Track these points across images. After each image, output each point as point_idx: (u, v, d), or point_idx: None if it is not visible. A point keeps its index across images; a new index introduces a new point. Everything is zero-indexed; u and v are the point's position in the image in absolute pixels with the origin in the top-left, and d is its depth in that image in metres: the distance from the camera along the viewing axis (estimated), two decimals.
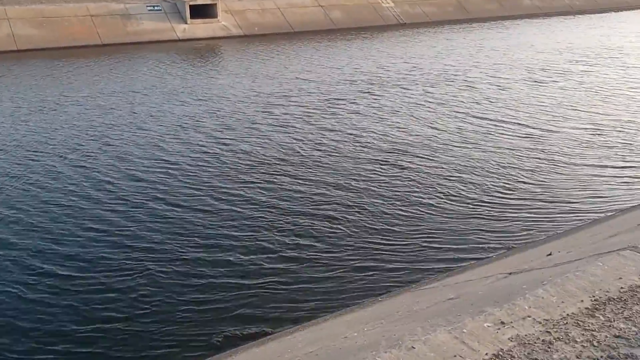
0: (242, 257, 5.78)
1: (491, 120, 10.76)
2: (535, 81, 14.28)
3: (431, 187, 7.40)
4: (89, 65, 19.47)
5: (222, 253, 5.85)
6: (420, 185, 7.42)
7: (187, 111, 12.02)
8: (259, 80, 15.35)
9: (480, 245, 5.74)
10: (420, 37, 26.15)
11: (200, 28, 26.35)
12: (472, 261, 5.36)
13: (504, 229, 6.16)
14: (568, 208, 6.66)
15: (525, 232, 6.01)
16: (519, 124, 10.39)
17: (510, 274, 3.75)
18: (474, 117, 11.04)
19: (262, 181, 7.78)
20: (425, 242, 5.85)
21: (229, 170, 8.35)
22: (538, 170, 7.93)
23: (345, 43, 24.34)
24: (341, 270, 5.48)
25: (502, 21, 32.36)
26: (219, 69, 18.00)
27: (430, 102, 12.38)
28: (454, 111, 11.44)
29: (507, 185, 7.35)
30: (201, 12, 26.57)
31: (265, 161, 8.64)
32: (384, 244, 5.87)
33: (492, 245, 5.72)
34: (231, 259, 5.72)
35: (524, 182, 7.49)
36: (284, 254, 5.73)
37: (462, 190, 7.21)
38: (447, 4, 33.52)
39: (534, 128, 10.09)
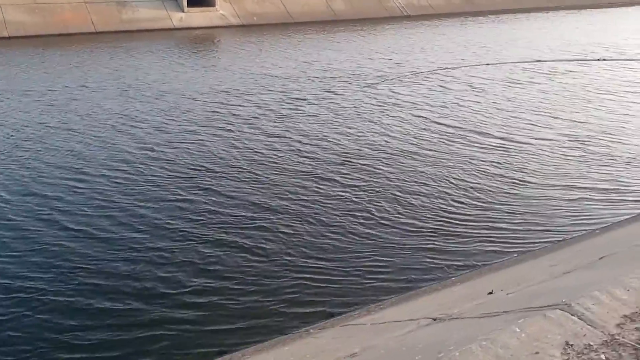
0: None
1: (456, 127, 9.76)
2: (514, 82, 13.13)
3: (372, 206, 6.53)
4: (78, 54, 18.96)
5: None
6: (359, 204, 6.54)
7: (127, 108, 11.15)
8: (226, 75, 14.48)
9: (421, 274, 5.10)
10: (420, 30, 25.34)
11: (197, 17, 25.73)
12: (403, 293, 4.73)
13: (457, 251, 5.47)
14: (532, 228, 5.99)
15: (477, 257, 5.36)
16: (483, 133, 9.39)
17: (435, 319, 3.15)
18: (439, 123, 9.99)
19: (165, 199, 6.76)
20: (357, 268, 5.19)
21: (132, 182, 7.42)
22: (499, 186, 7.17)
23: (341, 35, 23.62)
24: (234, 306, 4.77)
25: (514, 14, 31.41)
26: (199, 61, 17.21)
27: (395, 104, 11.37)
28: (419, 116, 10.46)
29: (462, 202, 6.62)
30: (198, 0, 25.94)
31: (182, 172, 7.66)
32: (310, 268, 5.21)
33: (437, 271, 5.08)
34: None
35: (484, 199, 6.74)
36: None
37: (404, 210, 6.40)
38: None
39: (498, 138, 9.06)
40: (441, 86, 12.79)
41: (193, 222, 6.14)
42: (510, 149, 8.56)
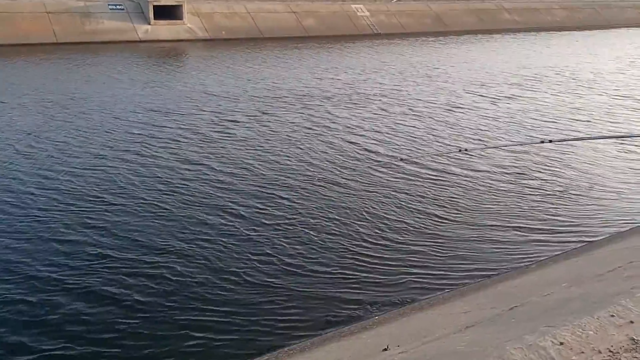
0: None
1: (388, 156, 9.20)
2: (453, 107, 12.95)
3: (279, 247, 5.97)
4: (35, 64, 18.66)
5: None
6: (263, 246, 5.96)
7: (39, 127, 10.43)
8: (165, 92, 13.90)
9: (320, 323, 4.81)
10: (384, 49, 25.32)
11: (163, 30, 25.57)
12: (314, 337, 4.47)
13: (355, 299, 5.21)
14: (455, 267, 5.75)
15: (381, 303, 5.09)
16: (415, 162, 8.80)
17: None
18: (371, 151, 9.50)
19: (41, 237, 6.05)
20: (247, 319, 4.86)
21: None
22: (436, 220, 6.95)
23: (305, 52, 23.52)
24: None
25: (481, 35, 31.62)
26: (145, 76, 16.75)
27: (328, 127, 10.90)
28: (350, 141, 9.98)
29: (374, 242, 6.36)
30: (166, 13, 25.78)
31: (70, 204, 6.95)
32: (193, 320, 4.73)
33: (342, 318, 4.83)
34: None
35: (400, 238, 6.48)
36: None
37: (314, 253, 5.89)
38: (424, 16, 32.80)
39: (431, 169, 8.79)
40: (383, 109, 12.61)
41: (69, 268, 5.47)
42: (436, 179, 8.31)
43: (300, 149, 9.64)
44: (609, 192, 7.92)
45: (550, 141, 9.21)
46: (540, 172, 8.67)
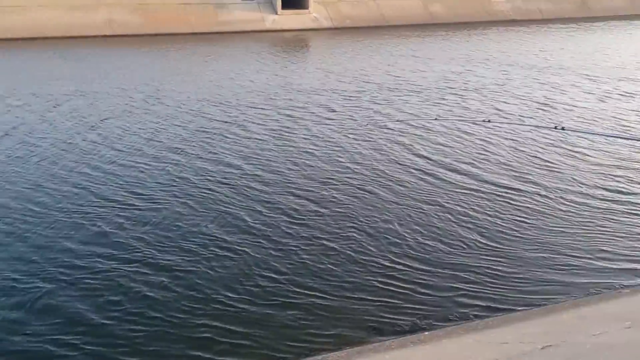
0: None
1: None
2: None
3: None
4: (175, 52, 19.99)
5: None
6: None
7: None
8: (257, 82, 14.25)
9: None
10: (518, 36, 23.74)
11: (289, 19, 26.18)
12: None
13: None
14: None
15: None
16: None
17: None
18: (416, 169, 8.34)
19: None
20: None
21: None
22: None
23: (428, 39, 22.80)
24: None
25: (631, 20, 28.52)
26: (257, 65, 17.29)
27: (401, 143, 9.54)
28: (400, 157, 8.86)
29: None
30: (293, 3, 26.39)
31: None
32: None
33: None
34: None
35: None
36: None
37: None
38: (566, 0, 30.25)
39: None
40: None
41: None
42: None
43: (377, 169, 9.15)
44: None
45: None
46: None
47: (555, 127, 9.34)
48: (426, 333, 4.56)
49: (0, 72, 16.18)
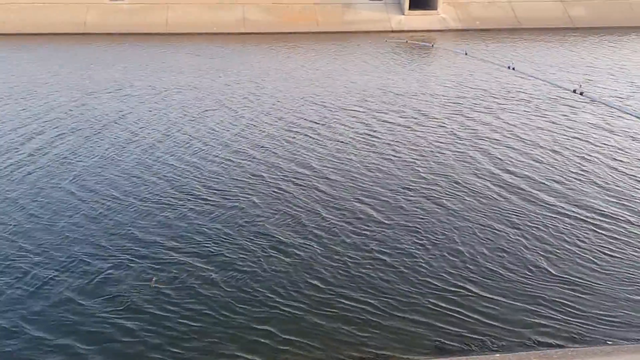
0: None
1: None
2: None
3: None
4: (300, 49, 20.72)
5: None
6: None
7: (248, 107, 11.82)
8: (360, 83, 14.33)
9: None
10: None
11: (416, 20, 25.80)
12: None
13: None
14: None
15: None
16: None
17: None
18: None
19: None
20: None
21: None
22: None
23: (567, 44, 21.18)
24: None
25: None
26: (372, 64, 17.36)
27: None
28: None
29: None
30: (421, 3, 25.96)
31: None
32: None
33: None
34: None
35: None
36: None
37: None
38: None
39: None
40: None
41: None
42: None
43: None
44: None
45: None
46: None
47: None
48: (497, 355, 4.51)
49: (131, 63, 17.65)
